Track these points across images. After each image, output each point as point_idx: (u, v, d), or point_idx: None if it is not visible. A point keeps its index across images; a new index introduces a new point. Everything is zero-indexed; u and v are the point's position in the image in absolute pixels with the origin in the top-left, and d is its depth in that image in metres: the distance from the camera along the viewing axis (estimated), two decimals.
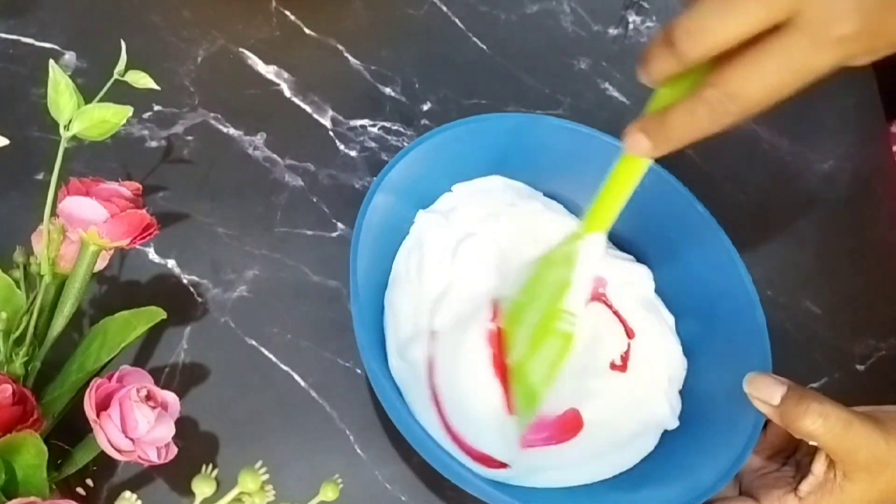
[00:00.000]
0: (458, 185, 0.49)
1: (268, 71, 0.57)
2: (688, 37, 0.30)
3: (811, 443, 0.38)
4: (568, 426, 0.43)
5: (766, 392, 0.38)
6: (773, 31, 0.30)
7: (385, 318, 0.44)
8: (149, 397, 0.36)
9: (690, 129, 0.33)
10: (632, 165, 0.38)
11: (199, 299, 0.48)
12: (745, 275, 0.44)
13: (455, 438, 0.41)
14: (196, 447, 0.43)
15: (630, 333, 0.46)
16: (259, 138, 0.54)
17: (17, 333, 0.38)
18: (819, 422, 0.37)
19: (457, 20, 0.63)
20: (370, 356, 0.39)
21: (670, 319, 0.48)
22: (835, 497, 0.38)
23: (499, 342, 0.43)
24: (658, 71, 0.33)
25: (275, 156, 0.54)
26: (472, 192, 0.48)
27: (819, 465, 0.39)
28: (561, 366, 0.41)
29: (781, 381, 0.38)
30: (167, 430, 0.36)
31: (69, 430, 0.39)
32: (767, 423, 0.41)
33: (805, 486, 0.39)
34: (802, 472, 0.40)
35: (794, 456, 0.43)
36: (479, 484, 0.37)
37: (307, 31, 0.60)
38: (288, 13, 0.60)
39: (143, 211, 0.39)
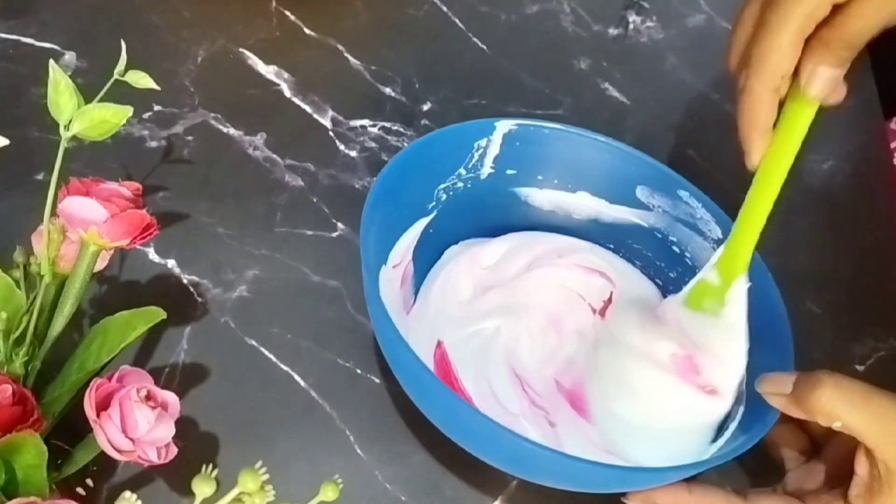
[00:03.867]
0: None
1: (268, 71, 0.57)
2: None
3: (835, 426, 0.35)
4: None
5: (778, 384, 0.37)
6: None
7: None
8: (149, 397, 0.36)
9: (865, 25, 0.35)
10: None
11: (199, 299, 0.48)
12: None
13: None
14: (196, 447, 0.43)
15: None
16: (259, 138, 0.55)
17: (17, 333, 0.38)
18: (835, 393, 0.34)
19: (457, 20, 0.63)
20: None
21: None
22: (884, 496, 0.35)
23: None
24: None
25: (275, 156, 0.54)
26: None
27: (861, 465, 0.36)
28: None
29: (793, 374, 0.37)
30: (167, 430, 0.36)
31: (69, 430, 0.39)
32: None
33: (853, 490, 0.36)
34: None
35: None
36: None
37: (307, 31, 0.60)
38: (288, 13, 0.60)
39: (143, 211, 0.39)
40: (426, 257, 0.48)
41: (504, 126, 0.47)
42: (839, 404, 0.34)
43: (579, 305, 0.48)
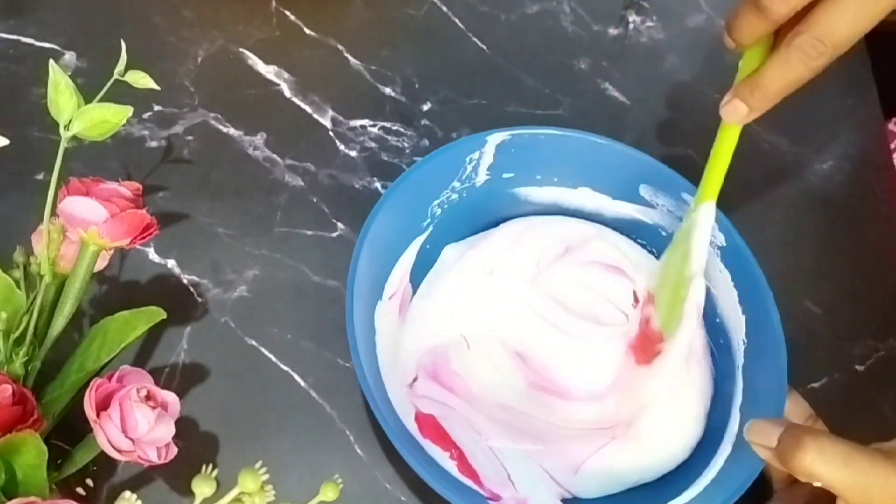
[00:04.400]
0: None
1: (268, 71, 0.57)
2: None
3: (816, 484, 0.35)
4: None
5: (765, 436, 0.37)
6: None
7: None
8: (149, 397, 0.36)
9: (786, 79, 0.37)
10: (730, 133, 0.42)
11: (199, 299, 0.48)
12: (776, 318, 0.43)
13: None
14: (196, 447, 0.43)
15: None
16: (259, 138, 0.54)
17: (17, 333, 0.38)
18: (817, 457, 0.34)
19: (457, 20, 0.62)
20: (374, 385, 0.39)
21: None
22: None
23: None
24: (747, 35, 0.37)
25: (275, 156, 0.54)
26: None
27: None
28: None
29: (780, 423, 0.37)
30: (167, 430, 0.36)
31: (69, 430, 0.39)
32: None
33: None
34: None
35: None
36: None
37: (307, 31, 0.60)
38: (288, 13, 0.60)
39: (143, 211, 0.39)
40: (424, 272, 0.47)
41: (496, 138, 0.46)
42: (820, 466, 0.34)
43: (610, 309, 0.46)
